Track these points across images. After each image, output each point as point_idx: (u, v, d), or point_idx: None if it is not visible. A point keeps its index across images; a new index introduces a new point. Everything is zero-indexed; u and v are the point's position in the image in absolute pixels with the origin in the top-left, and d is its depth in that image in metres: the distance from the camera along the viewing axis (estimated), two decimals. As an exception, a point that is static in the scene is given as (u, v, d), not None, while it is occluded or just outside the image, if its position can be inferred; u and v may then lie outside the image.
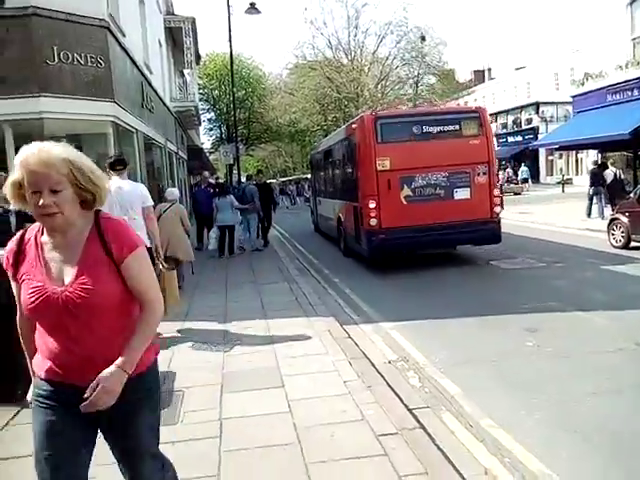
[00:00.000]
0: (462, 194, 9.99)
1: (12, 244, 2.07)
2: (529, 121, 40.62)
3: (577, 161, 37.11)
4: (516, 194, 30.30)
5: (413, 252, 10.78)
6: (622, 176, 16.47)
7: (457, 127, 10.12)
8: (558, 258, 10.42)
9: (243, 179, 21.46)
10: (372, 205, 9.80)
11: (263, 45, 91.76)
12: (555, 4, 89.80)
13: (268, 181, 22.06)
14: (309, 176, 43.20)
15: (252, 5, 19.61)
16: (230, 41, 20.42)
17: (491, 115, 46.71)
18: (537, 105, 40.08)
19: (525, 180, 35.06)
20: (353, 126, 11.04)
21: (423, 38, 33.96)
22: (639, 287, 7.94)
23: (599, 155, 20.57)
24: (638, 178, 17.60)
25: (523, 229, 15.55)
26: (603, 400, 4.26)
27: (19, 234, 2.09)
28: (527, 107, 41.67)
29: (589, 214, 16.13)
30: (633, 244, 10.90)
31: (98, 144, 9.23)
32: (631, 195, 11.49)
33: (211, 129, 51.45)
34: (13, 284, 2.08)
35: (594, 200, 16.12)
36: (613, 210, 16.16)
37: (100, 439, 2.16)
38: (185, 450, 3.53)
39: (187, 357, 5.44)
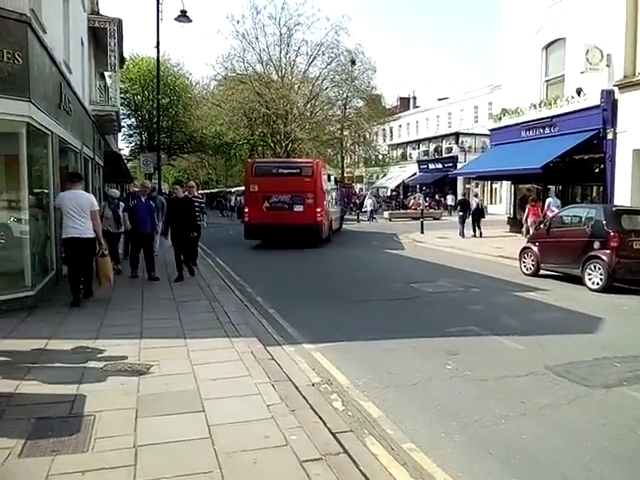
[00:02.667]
0: (298, 208, 17.39)
1: None
2: (449, 150, 42.61)
3: (492, 190, 39.30)
4: (435, 219, 31.59)
5: (272, 238, 17.87)
6: (482, 205, 21.64)
7: (299, 171, 17.77)
8: (474, 283, 10.89)
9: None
10: (246, 210, 18.01)
11: (191, 53, 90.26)
12: (478, 39, 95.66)
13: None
14: (235, 189, 42.91)
15: (183, 13, 18.48)
16: (158, 47, 19.88)
17: (414, 142, 48.77)
18: (457, 135, 42.20)
19: (454, 207, 38.17)
20: (245, 166, 20.54)
21: (353, 62, 34.91)
22: (547, 314, 8.46)
23: (512, 186, 21.81)
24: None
25: (442, 254, 16.17)
26: (518, 422, 4.43)
27: None
28: (448, 137, 43.78)
29: (462, 234, 20.23)
30: (542, 272, 11.59)
31: (8, 145, 8.57)
32: (541, 226, 12.19)
33: (131, 135, 49.86)
34: None
35: (465, 223, 20.54)
36: (475, 232, 20.21)
37: None
38: (95, 481, 3.28)
39: (98, 379, 5.04)
